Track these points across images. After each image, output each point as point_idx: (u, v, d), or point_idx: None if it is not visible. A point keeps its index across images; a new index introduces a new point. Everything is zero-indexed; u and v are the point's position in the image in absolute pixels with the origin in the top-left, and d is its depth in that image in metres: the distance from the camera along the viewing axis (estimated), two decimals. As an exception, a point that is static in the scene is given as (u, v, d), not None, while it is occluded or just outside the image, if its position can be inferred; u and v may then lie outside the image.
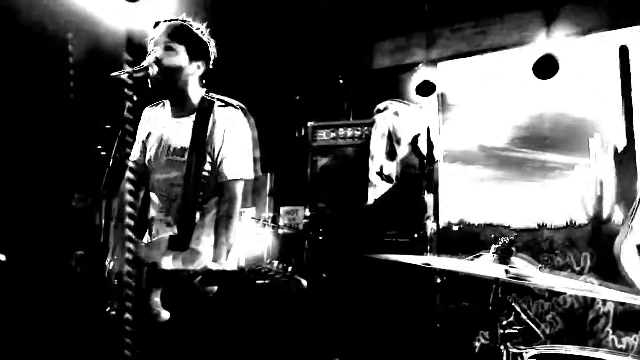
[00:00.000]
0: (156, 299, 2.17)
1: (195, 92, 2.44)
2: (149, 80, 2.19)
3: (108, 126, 1.95)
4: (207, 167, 2.39)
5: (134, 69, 2.18)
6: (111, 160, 1.89)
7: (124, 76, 2.04)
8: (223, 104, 2.45)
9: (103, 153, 1.89)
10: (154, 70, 2.22)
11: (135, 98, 2.06)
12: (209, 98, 2.45)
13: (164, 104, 2.52)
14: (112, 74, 2.05)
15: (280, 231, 4.68)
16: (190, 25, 2.41)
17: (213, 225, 2.38)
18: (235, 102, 2.47)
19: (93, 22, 4.18)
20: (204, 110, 2.41)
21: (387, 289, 4.00)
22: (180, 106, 2.43)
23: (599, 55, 4.26)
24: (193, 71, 2.40)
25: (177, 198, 2.39)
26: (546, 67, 4.01)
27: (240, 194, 2.40)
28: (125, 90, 2.02)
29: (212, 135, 2.37)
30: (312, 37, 5.02)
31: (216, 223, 2.37)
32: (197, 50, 2.40)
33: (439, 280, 4.14)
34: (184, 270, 2.24)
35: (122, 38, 2.53)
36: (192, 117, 2.42)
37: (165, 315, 2.16)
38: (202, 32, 2.44)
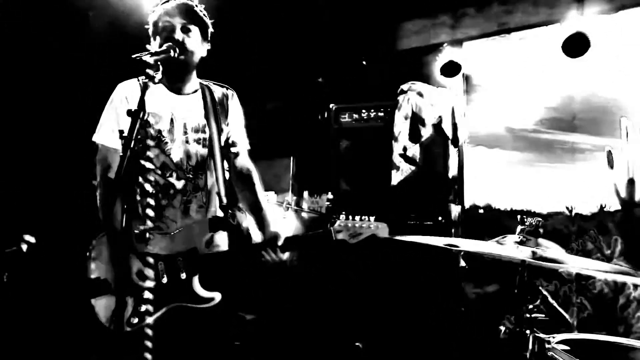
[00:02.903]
0: (197, 284, 2.21)
1: (196, 74, 2.48)
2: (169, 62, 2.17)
3: (130, 109, 1.90)
4: (222, 141, 2.45)
5: (157, 50, 2.18)
6: (132, 143, 1.84)
7: (146, 57, 2.02)
8: (215, 84, 2.54)
9: (124, 135, 1.83)
10: (176, 51, 2.21)
11: (157, 80, 2.04)
12: (202, 80, 2.52)
13: (143, 81, 1.99)
14: (134, 56, 2.03)
15: (304, 215, 4.66)
16: (197, 5, 2.41)
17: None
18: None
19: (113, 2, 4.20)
20: (206, 89, 2.48)
21: (411, 271, 3.97)
22: (185, 86, 2.44)
23: (632, 33, 4.09)
24: (202, 52, 2.43)
25: (204, 177, 2.39)
26: (576, 45, 3.89)
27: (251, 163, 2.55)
28: (148, 71, 1.99)
29: (220, 109, 2.46)
30: (335, 18, 4.94)
31: (247, 194, 2.48)
32: (205, 32, 2.43)
33: (463, 263, 4.09)
34: (255, 245, 2.32)
35: (142, 19, 2.51)
36: (197, 94, 2.45)
37: (218, 296, 2.22)
38: (204, 14, 2.44)
